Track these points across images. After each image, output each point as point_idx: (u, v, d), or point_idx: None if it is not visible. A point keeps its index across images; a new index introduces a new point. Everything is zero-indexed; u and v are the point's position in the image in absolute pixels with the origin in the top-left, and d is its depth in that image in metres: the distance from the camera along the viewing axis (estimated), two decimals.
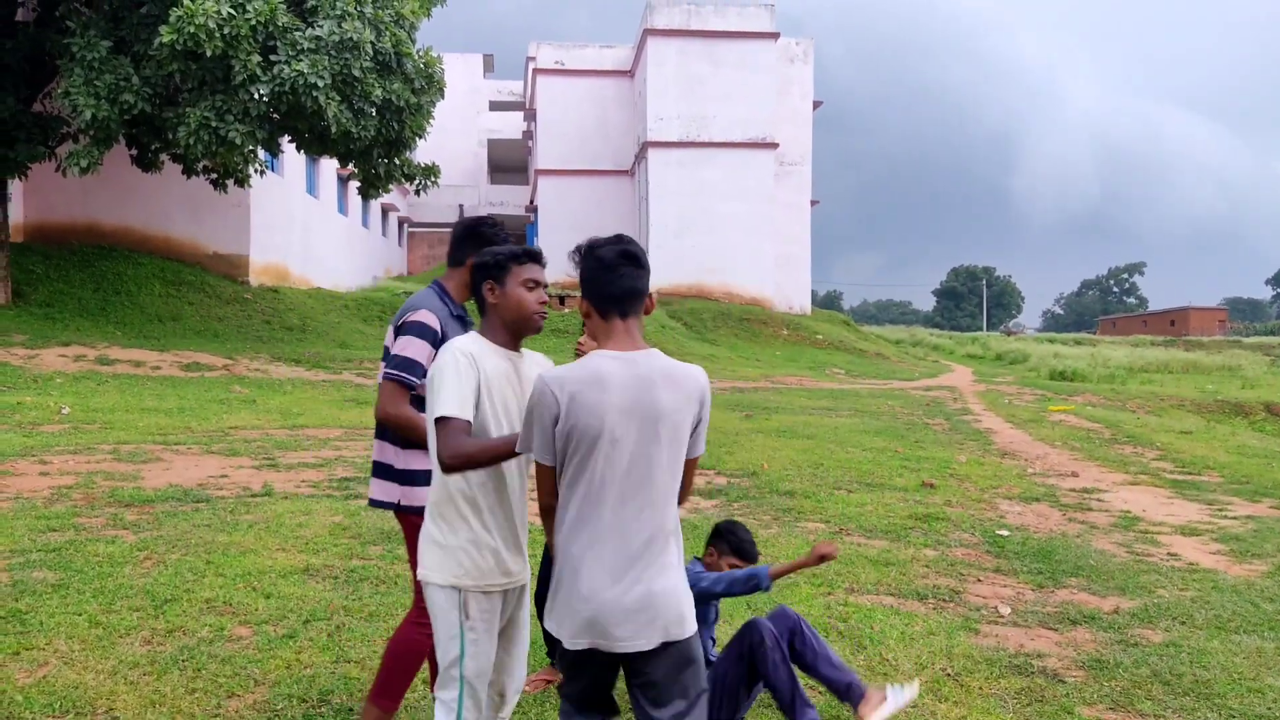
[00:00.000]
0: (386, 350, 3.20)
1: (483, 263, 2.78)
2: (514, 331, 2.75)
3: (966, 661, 4.39)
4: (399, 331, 3.13)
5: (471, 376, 2.57)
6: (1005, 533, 7.04)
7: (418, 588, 3.04)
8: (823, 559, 3.21)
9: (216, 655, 4.09)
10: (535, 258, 2.80)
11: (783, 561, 3.59)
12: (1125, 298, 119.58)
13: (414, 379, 3.04)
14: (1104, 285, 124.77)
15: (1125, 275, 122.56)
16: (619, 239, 2.52)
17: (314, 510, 6.93)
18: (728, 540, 3.57)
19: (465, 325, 3.24)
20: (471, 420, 2.54)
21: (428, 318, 3.10)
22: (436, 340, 3.07)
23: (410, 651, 3.18)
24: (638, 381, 2.39)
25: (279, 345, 20.02)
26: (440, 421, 2.52)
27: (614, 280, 2.46)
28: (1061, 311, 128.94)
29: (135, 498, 7.11)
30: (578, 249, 2.56)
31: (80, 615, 4.55)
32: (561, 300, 31.87)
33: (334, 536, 6.18)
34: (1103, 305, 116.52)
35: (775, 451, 10.83)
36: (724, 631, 4.21)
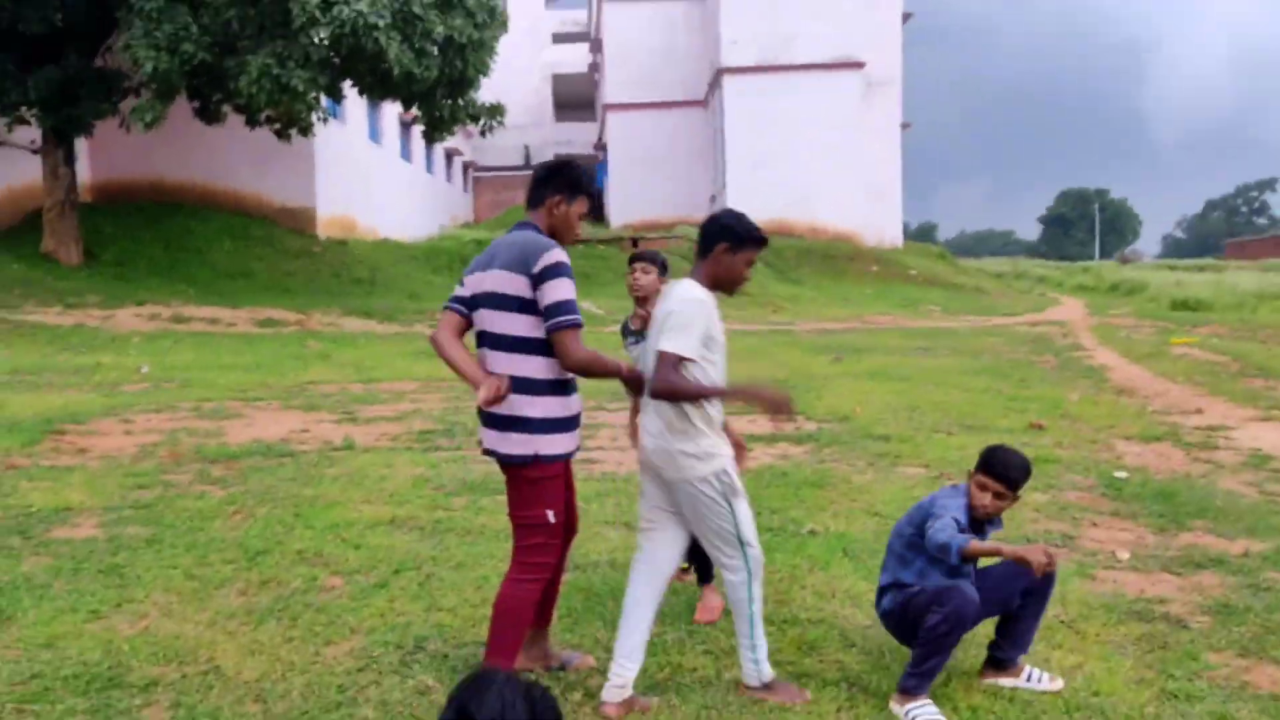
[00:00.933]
0: (501, 295, 3.21)
1: (730, 228, 3.42)
2: (715, 287, 3.46)
3: (1082, 608, 4.37)
4: (544, 275, 3.15)
5: (706, 324, 3.30)
6: (1123, 474, 6.91)
7: (519, 540, 3.34)
8: (1026, 563, 3.26)
9: (311, 605, 4.32)
10: (764, 244, 3.51)
11: (987, 543, 3.50)
12: (1255, 218, 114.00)
13: (580, 319, 3.22)
14: (1231, 205, 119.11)
15: (1255, 193, 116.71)
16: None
17: (395, 463, 7.18)
18: (987, 460, 3.67)
19: None
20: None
21: (565, 255, 3.24)
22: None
23: (518, 606, 3.31)
24: None
25: (349, 299, 20.55)
26: (674, 358, 3.21)
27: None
28: (1184, 235, 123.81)
29: (220, 453, 7.46)
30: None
31: (175, 569, 4.84)
32: (635, 242, 31.82)
33: (417, 488, 6.41)
34: (1230, 227, 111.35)
35: (867, 395, 10.77)
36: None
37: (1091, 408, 10.00)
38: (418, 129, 23.93)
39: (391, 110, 29.73)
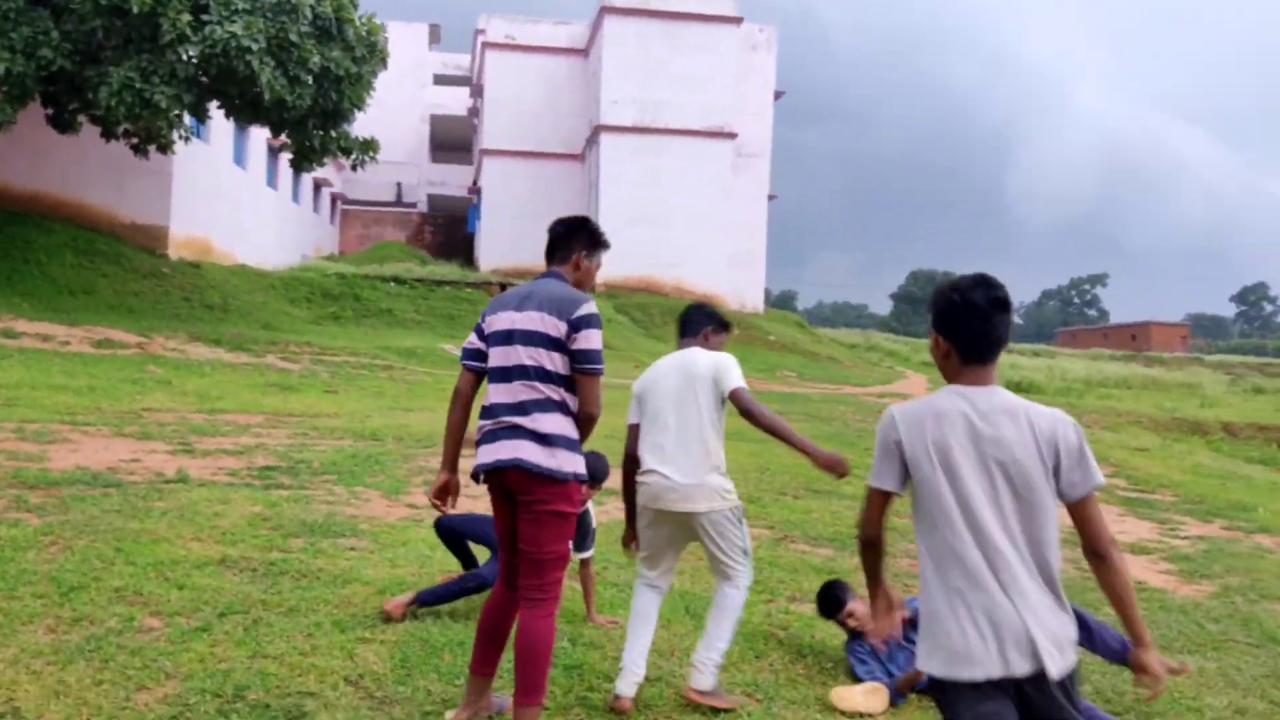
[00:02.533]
0: (538, 334, 3.44)
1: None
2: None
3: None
4: (581, 325, 3.43)
5: None
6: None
7: (551, 576, 3.45)
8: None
9: (125, 646, 4.07)
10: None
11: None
12: (1086, 309, 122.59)
13: (603, 369, 3.56)
14: (1065, 295, 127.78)
15: (1087, 286, 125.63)
16: (987, 281, 2.54)
17: (232, 499, 6.87)
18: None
19: None
20: None
21: (596, 309, 3.53)
22: None
23: (549, 640, 3.46)
24: (980, 416, 2.44)
25: (198, 324, 19.69)
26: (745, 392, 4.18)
27: (987, 329, 2.50)
28: (1021, 321, 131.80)
29: (41, 479, 6.97)
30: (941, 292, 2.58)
31: None
32: (503, 287, 31.69)
33: (253, 527, 6.14)
34: (1063, 316, 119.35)
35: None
36: None
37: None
38: (286, 157, 23.33)
39: (260, 136, 28.90)
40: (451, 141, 49.19)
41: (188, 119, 19.06)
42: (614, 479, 4.74)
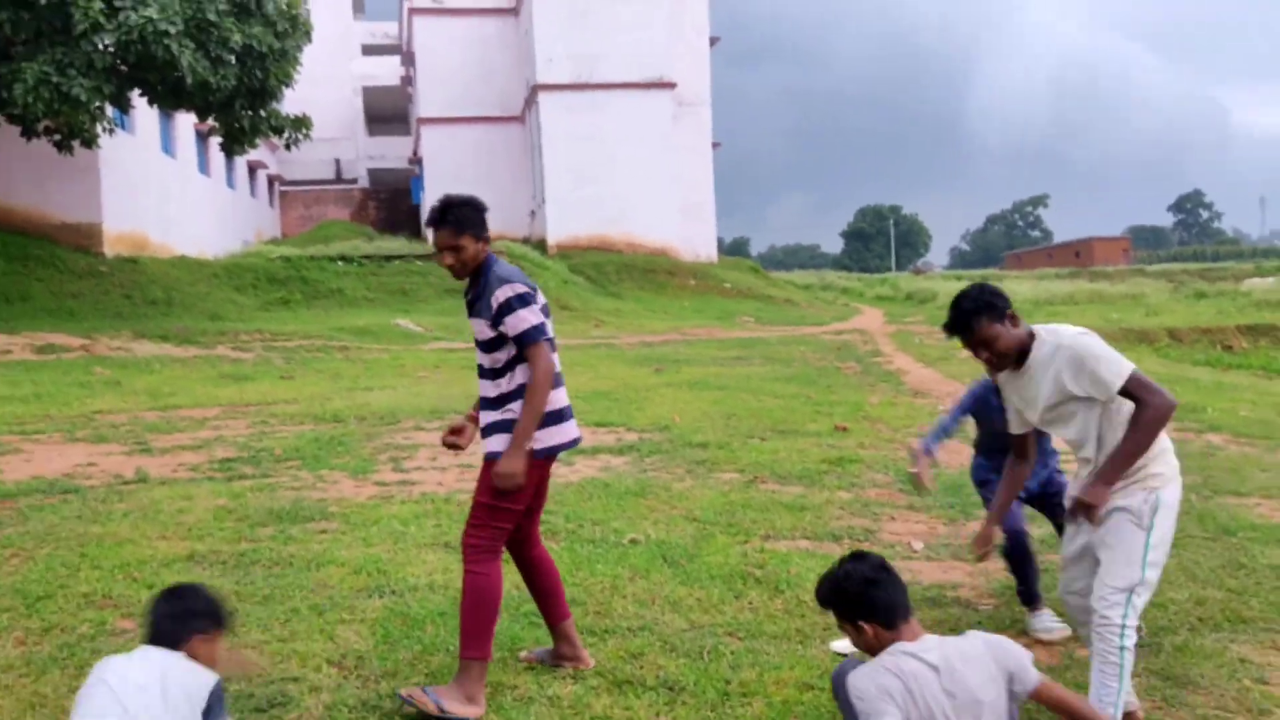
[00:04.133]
0: (481, 340, 3.62)
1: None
2: None
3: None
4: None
5: None
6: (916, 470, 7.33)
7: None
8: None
9: (100, 650, 3.99)
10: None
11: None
12: (1030, 231, 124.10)
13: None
14: (1009, 220, 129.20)
15: (1029, 208, 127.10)
16: (858, 556, 2.87)
17: (195, 495, 6.78)
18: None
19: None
20: None
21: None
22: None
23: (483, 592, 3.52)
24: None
25: (142, 321, 19.27)
26: None
27: (887, 593, 2.74)
28: (968, 248, 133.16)
29: None
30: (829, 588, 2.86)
31: None
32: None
33: (219, 520, 6.07)
34: (1008, 240, 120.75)
35: (687, 404, 11.01)
36: None
37: (890, 409, 10.59)
38: (216, 141, 22.75)
39: (186, 121, 28.12)
40: (387, 113, 48.27)
41: (110, 110, 18.47)
42: None
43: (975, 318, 3.29)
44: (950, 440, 8.56)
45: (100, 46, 15.41)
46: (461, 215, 3.58)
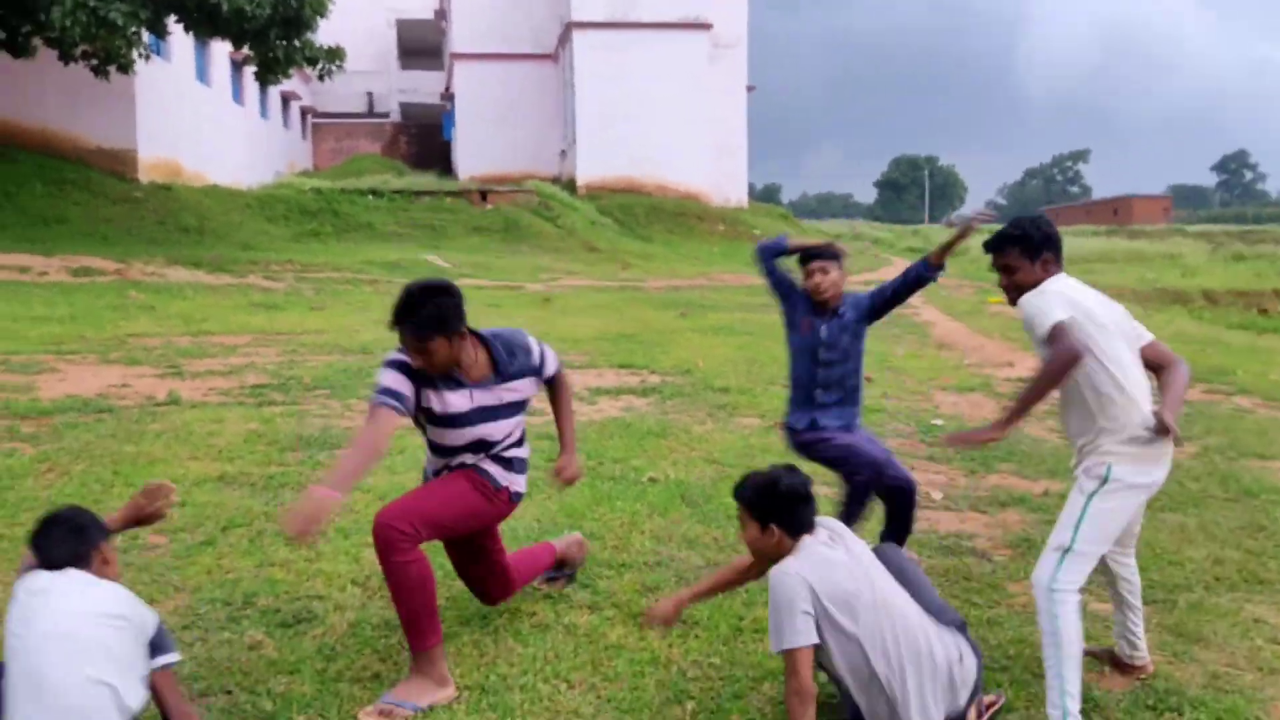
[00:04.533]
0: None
1: None
2: None
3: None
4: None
5: None
6: (939, 422, 7.35)
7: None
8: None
9: (132, 564, 4.13)
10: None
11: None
12: (1069, 186, 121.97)
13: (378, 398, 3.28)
14: (1047, 174, 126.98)
15: (1069, 163, 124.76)
16: (792, 469, 3.07)
17: (226, 418, 6.90)
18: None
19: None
20: None
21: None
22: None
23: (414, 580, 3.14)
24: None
25: (175, 248, 19.42)
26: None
27: (808, 510, 3.02)
28: (1005, 201, 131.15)
29: (31, 409, 6.98)
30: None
31: None
32: (484, 195, 31.22)
33: (249, 444, 6.18)
34: (1046, 195, 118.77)
35: (710, 349, 11.03)
36: None
37: (915, 361, 10.55)
38: (250, 70, 22.67)
39: (221, 50, 28.01)
40: (420, 47, 47.79)
41: (146, 36, 18.42)
42: None
43: (1009, 243, 3.30)
44: (973, 394, 8.56)
45: None
46: (421, 323, 3.15)
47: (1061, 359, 2.95)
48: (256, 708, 3.03)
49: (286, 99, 38.24)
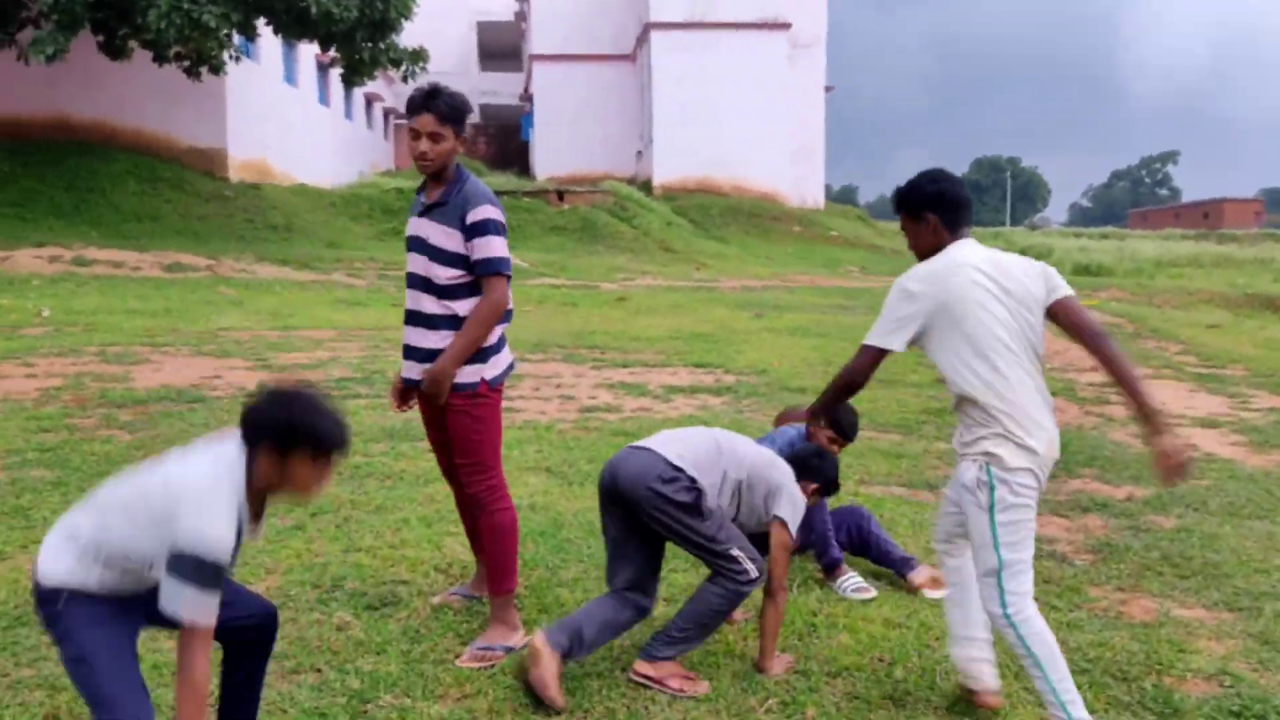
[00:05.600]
0: (440, 249, 3.36)
1: None
2: None
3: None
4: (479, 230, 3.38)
5: None
6: None
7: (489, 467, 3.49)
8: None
9: None
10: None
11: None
12: (1157, 189, 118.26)
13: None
14: (1135, 176, 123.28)
15: (1158, 165, 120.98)
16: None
17: None
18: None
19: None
20: None
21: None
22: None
23: (507, 531, 3.48)
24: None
25: (264, 245, 20.04)
26: None
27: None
28: (1089, 204, 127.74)
29: (127, 398, 7.30)
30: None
31: None
32: (560, 195, 31.44)
33: None
34: (1133, 197, 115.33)
35: (786, 350, 11.00)
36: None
37: None
38: (336, 72, 23.27)
39: (308, 52, 28.81)
40: (500, 49, 48.45)
41: (236, 38, 19.06)
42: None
43: (895, 204, 3.16)
44: (1056, 398, 8.40)
45: None
46: (451, 104, 3.35)
47: (851, 374, 3.12)
48: (345, 685, 3.16)
49: (370, 100, 39.12)
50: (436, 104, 3.31)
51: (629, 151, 37.29)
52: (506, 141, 44.28)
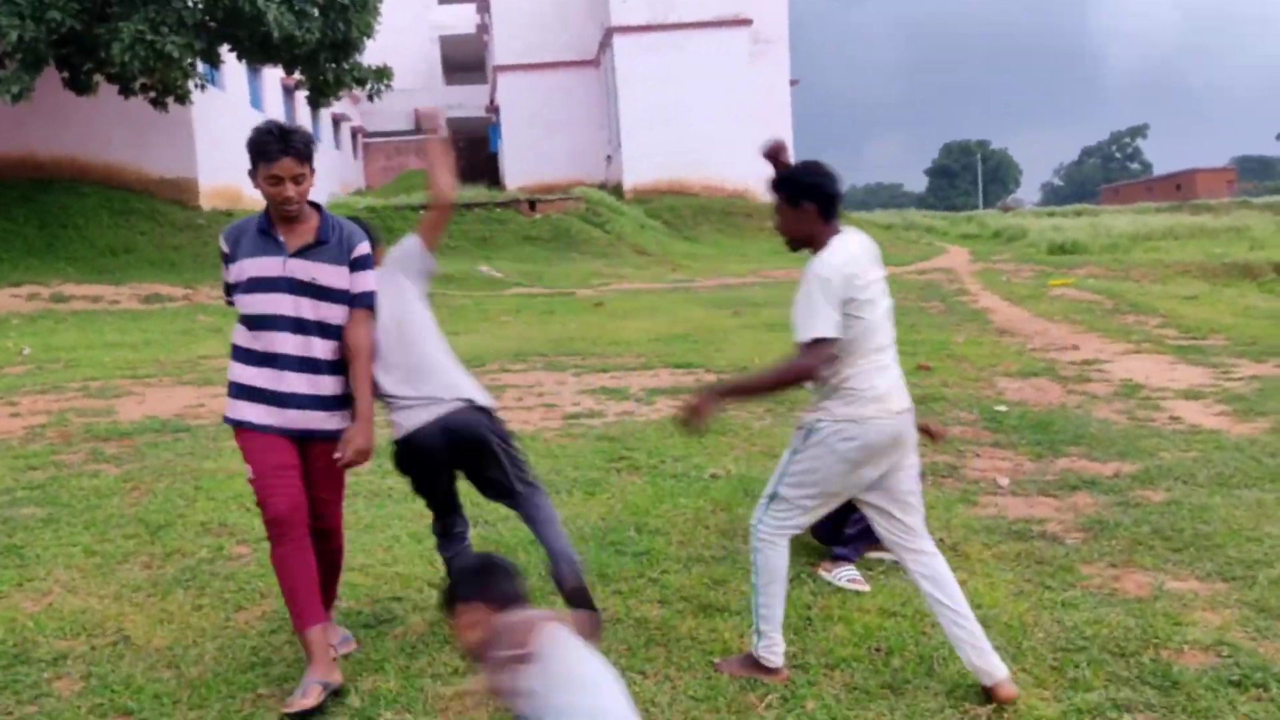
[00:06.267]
0: (331, 289, 3.30)
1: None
2: None
3: (965, 531, 4.63)
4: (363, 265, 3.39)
5: None
6: (1003, 408, 7.28)
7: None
8: None
9: (219, 573, 4.29)
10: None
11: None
12: (1128, 164, 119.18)
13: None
14: (1105, 152, 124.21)
15: (1128, 140, 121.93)
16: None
17: None
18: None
19: (266, 239, 3.45)
20: None
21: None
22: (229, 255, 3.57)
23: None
24: None
25: None
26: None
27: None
28: (1061, 183, 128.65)
29: (113, 431, 7.25)
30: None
31: (75, 546, 4.74)
32: (532, 205, 31.37)
33: None
34: (1105, 173, 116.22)
35: (766, 346, 11.02)
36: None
37: (975, 348, 10.44)
38: (302, 95, 23.19)
39: (273, 75, 28.69)
40: (464, 62, 48.43)
41: (201, 66, 18.97)
42: None
43: (774, 187, 3.31)
44: (1038, 378, 8.44)
45: (190, 4, 15.83)
46: (306, 142, 3.26)
47: (799, 371, 3.05)
48: (346, 705, 3.15)
49: (337, 121, 39.00)
50: (294, 145, 3.19)
51: (598, 157, 37.33)
52: (474, 153, 44.22)
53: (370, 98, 20.59)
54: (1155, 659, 3.28)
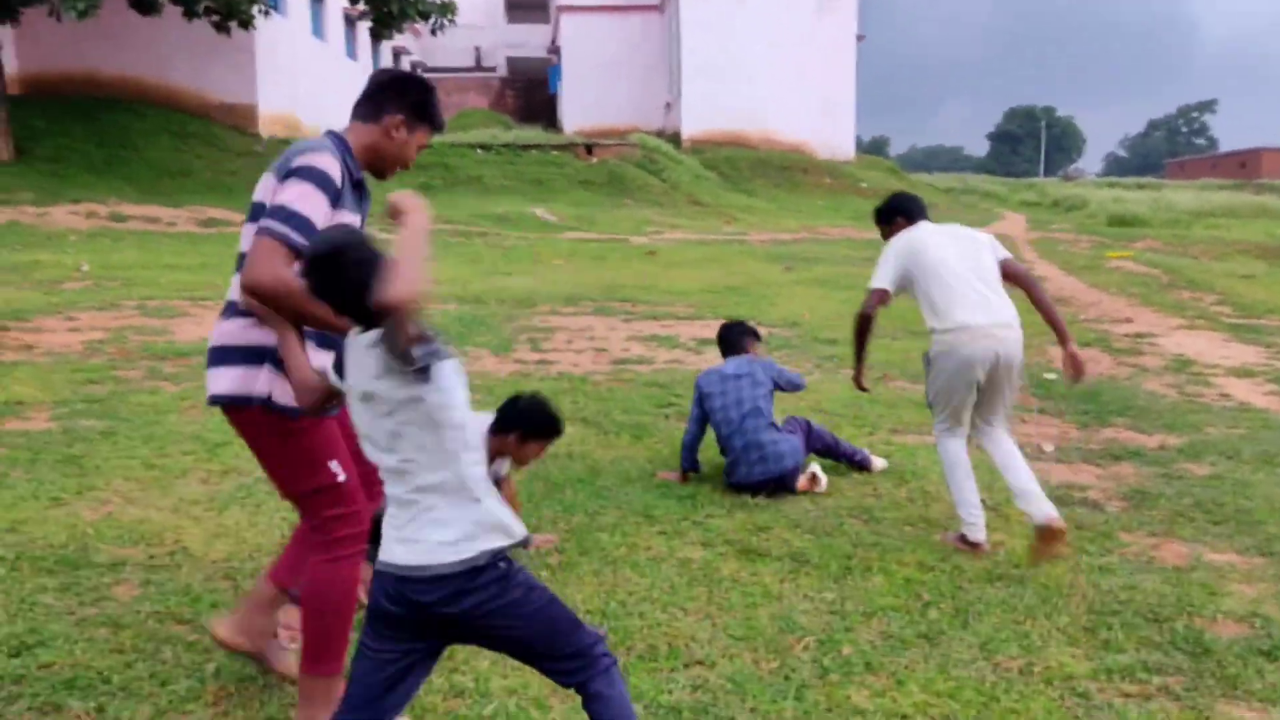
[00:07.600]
0: (258, 205, 2.64)
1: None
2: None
3: (1005, 493, 4.63)
4: (286, 176, 2.54)
5: None
6: (1052, 376, 7.23)
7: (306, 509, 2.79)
8: None
9: (274, 493, 4.40)
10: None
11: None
12: (1194, 139, 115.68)
13: (300, 239, 2.42)
14: (1172, 125, 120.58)
15: (1195, 114, 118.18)
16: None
17: None
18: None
19: (361, 195, 2.79)
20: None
21: (329, 165, 2.56)
22: (336, 196, 2.57)
23: (336, 595, 2.68)
24: None
25: None
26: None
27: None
28: (1126, 154, 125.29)
29: (170, 350, 7.45)
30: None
31: (134, 459, 4.91)
32: (589, 149, 31.25)
33: None
34: (1170, 147, 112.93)
35: (817, 302, 10.99)
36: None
37: (1027, 316, 10.30)
38: (364, 25, 23.20)
39: (336, 5, 28.72)
40: (527, 1, 48.00)
41: None
42: None
43: (874, 219, 4.64)
44: (1089, 349, 8.35)
45: None
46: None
47: (860, 313, 4.43)
48: None
49: (397, 54, 38.98)
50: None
51: (657, 104, 36.95)
52: (533, 94, 44.01)
53: (434, 31, 20.57)
54: (1189, 626, 3.30)
